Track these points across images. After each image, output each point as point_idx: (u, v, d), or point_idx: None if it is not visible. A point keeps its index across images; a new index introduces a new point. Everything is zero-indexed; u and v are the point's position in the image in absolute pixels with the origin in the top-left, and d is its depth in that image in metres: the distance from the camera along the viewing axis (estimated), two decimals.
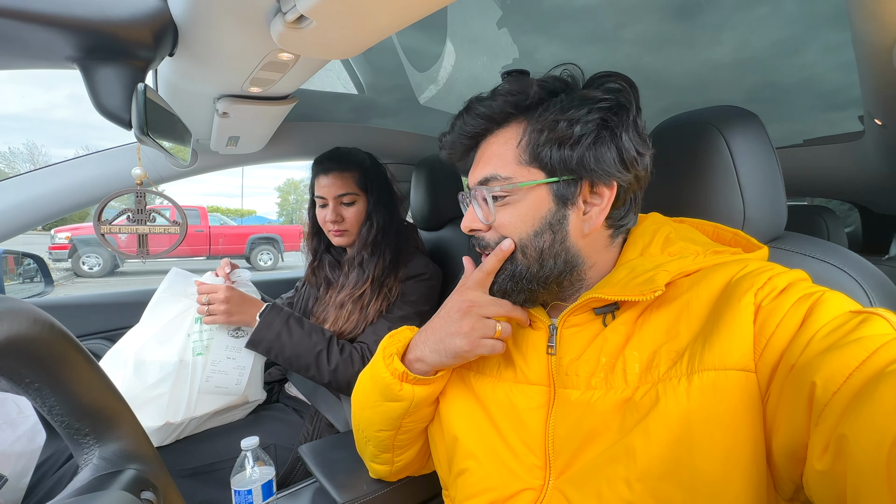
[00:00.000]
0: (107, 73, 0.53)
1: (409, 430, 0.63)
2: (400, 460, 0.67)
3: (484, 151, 0.56)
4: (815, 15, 0.94)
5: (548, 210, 0.52)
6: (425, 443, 0.69)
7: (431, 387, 0.59)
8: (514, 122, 0.54)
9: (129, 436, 0.36)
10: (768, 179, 0.62)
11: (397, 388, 0.58)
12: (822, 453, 0.33)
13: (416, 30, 1.08)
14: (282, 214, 47.03)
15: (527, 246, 0.53)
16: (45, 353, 0.29)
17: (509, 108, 0.54)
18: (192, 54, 0.63)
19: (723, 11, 0.95)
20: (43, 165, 1.11)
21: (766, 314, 0.42)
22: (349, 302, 1.07)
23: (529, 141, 0.52)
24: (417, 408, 0.60)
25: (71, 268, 8.55)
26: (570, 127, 0.49)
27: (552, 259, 0.53)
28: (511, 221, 0.54)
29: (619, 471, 0.44)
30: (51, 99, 72.93)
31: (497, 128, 0.55)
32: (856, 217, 2.18)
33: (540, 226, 0.53)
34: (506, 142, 0.54)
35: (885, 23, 0.59)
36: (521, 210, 0.53)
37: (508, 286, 0.55)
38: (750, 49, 1.08)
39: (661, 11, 0.97)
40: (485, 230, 0.56)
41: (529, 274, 0.54)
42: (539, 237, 0.53)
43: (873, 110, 1.03)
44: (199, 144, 1.18)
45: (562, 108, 0.50)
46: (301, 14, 0.47)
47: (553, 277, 0.54)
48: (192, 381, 0.92)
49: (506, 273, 0.55)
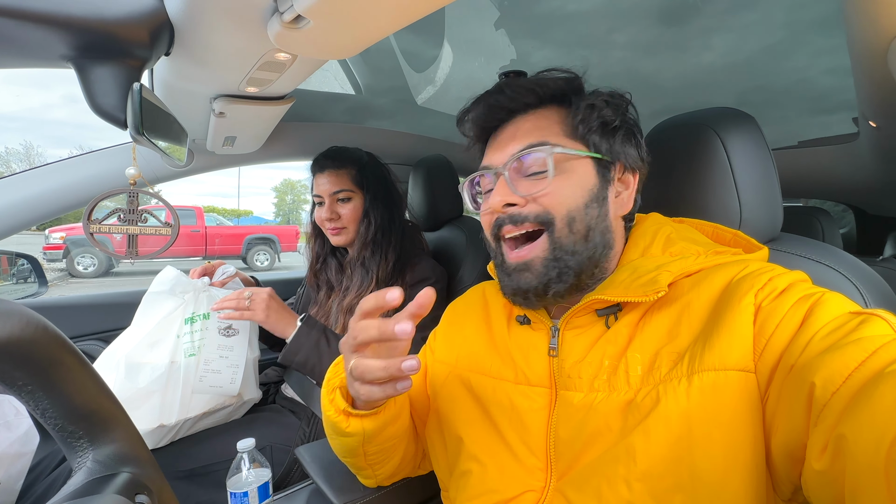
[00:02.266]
0: (102, 73, 0.53)
1: (377, 453, 0.60)
2: (381, 473, 0.65)
3: (518, 127, 0.56)
4: (804, 20, 0.95)
5: (594, 184, 0.54)
6: (414, 448, 0.68)
7: (381, 416, 0.54)
8: (551, 106, 0.57)
9: (123, 438, 0.36)
10: (764, 181, 0.62)
11: (344, 424, 0.54)
12: (821, 453, 0.33)
13: (414, 31, 1.09)
14: (278, 215, 46.91)
15: (575, 219, 0.53)
16: (38, 355, 0.29)
17: (562, 87, 0.56)
18: (189, 54, 0.63)
19: (712, 17, 0.96)
20: (38, 165, 1.10)
21: (765, 315, 0.42)
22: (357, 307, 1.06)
23: (575, 120, 0.54)
24: (372, 439, 0.56)
25: (65, 268, 8.50)
26: (614, 116, 0.55)
27: (598, 234, 0.54)
28: (563, 191, 0.53)
29: (620, 471, 0.44)
30: (46, 99, 72.68)
31: (534, 108, 0.57)
32: (850, 218, 2.19)
33: (589, 198, 0.54)
34: (546, 118, 0.56)
35: (879, 25, 0.60)
36: (573, 180, 0.53)
37: (553, 273, 0.53)
38: (740, 53, 1.09)
39: (650, 17, 0.98)
40: (522, 204, 0.54)
41: (575, 252, 0.53)
42: (588, 209, 0.53)
43: (868, 112, 1.04)
44: (196, 144, 1.17)
45: (603, 99, 0.55)
46: (298, 14, 0.47)
47: (592, 259, 0.54)
48: (185, 383, 0.91)
49: (546, 257, 0.53)
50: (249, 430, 0.99)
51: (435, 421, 0.64)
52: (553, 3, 0.95)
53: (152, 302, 0.97)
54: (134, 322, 0.96)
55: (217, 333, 0.98)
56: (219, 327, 0.98)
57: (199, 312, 0.97)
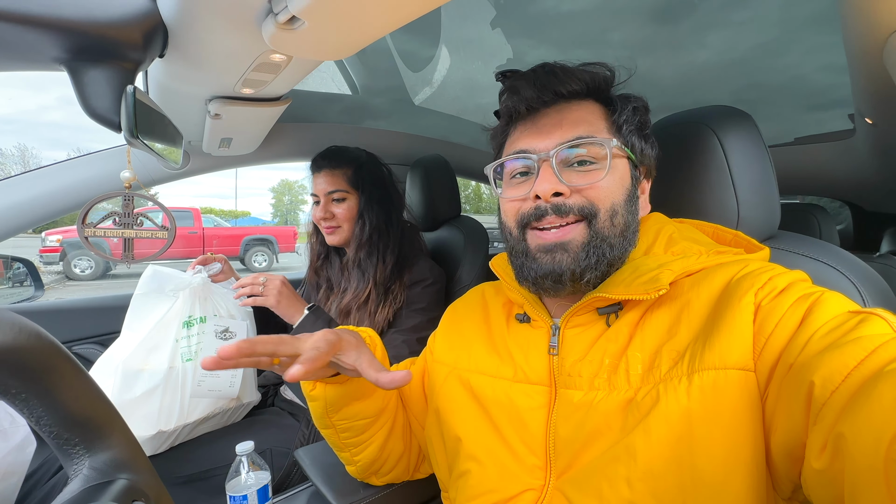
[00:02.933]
0: (95, 75, 0.52)
1: (347, 430, 0.62)
2: (361, 460, 0.65)
3: (563, 115, 0.55)
4: (797, 18, 0.96)
5: (629, 184, 0.55)
6: (403, 447, 0.68)
7: (344, 387, 0.57)
8: (593, 100, 0.56)
9: (119, 444, 0.36)
10: (762, 179, 0.62)
11: (309, 386, 0.58)
12: (820, 452, 0.33)
13: (411, 31, 1.08)
14: (276, 215, 46.84)
15: (617, 213, 0.53)
16: (32, 362, 0.28)
17: (608, 83, 0.56)
18: (183, 56, 0.63)
19: (705, 16, 0.97)
20: (34, 168, 1.10)
21: (765, 314, 0.42)
22: (355, 309, 1.06)
23: (619, 119, 0.55)
24: (335, 407, 0.59)
25: (62, 271, 8.46)
26: (648, 121, 0.57)
27: (631, 232, 0.55)
28: (609, 185, 0.53)
29: (620, 470, 0.44)
30: (42, 101, 72.33)
31: (578, 99, 0.56)
32: (847, 214, 2.20)
33: (627, 196, 0.54)
34: (591, 112, 0.55)
35: (875, 22, 0.60)
36: (617, 176, 0.54)
37: (592, 259, 0.52)
38: (735, 51, 1.10)
39: (643, 16, 0.99)
40: (567, 195, 0.52)
41: (612, 245, 0.53)
42: (628, 205, 0.54)
43: (864, 109, 1.04)
44: (192, 146, 1.17)
45: (642, 103, 0.57)
46: (293, 15, 0.47)
47: (623, 256, 0.54)
48: (184, 388, 0.90)
49: (586, 242, 0.52)
50: (248, 433, 0.99)
51: (434, 422, 0.64)
52: (547, 3, 0.96)
53: (142, 304, 0.96)
54: (126, 325, 0.95)
55: (214, 337, 0.97)
56: (216, 331, 0.97)
57: (196, 316, 0.96)
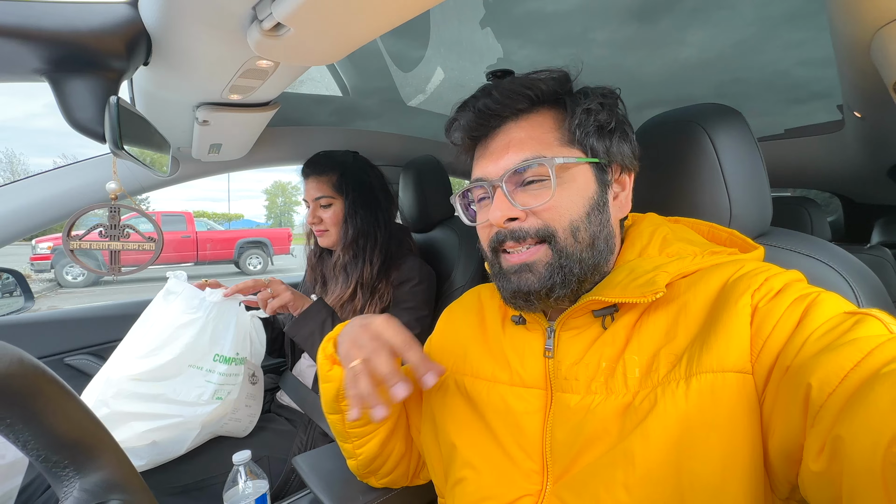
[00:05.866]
0: (77, 86, 0.52)
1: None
2: (361, 453, 0.65)
3: (510, 136, 0.53)
4: (772, 16, 0.99)
5: (594, 191, 0.53)
6: (403, 449, 0.67)
7: None
8: (544, 109, 0.54)
9: (110, 465, 0.35)
10: (753, 176, 0.63)
11: (327, 367, 0.60)
12: (818, 454, 0.33)
13: (400, 32, 1.08)
14: (270, 217, 46.56)
15: (579, 228, 0.52)
16: (15, 388, 0.28)
17: (556, 89, 0.54)
18: (168, 63, 0.62)
19: (683, 15, 0.99)
20: (22, 177, 1.08)
21: (762, 316, 0.42)
22: (339, 307, 1.07)
23: (572, 124, 0.53)
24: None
25: (54, 278, 8.37)
26: (609, 117, 0.54)
27: (602, 241, 0.53)
28: (563, 203, 0.51)
29: (618, 475, 0.43)
30: (30, 108, 71.25)
31: (526, 113, 0.54)
32: (837, 205, 2.22)
33: (590, 205, 0.53)
34: (539, 126, 0.53)
35: (862, 18, 0.60)
36: (573, 190, 0.52)
37: (557, 278, 0.51)
38: (715, 48, 1.12)
39: (622, 16, 1.01)
40: (523, 218, 0.52)
41: (581, 261, 0.52)
42: (591, 217, 0.52)
43: (852, 103, 1.05)
44: (181, 152, 1.15)
45: (597, 101, 0.54)
46: (278, 22, 0.46)
47: (597, 265, 0.53)
48: (205, 425, 0.89)
49: (551, 263, 0.52)
50: (245, 441, 0.98)
51: (430, 428, 0.63)
52: (532, 5, 0.97)
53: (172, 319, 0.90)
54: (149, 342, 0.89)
55: (247, 380, 0.98)
56: (248, 374, 0.98)
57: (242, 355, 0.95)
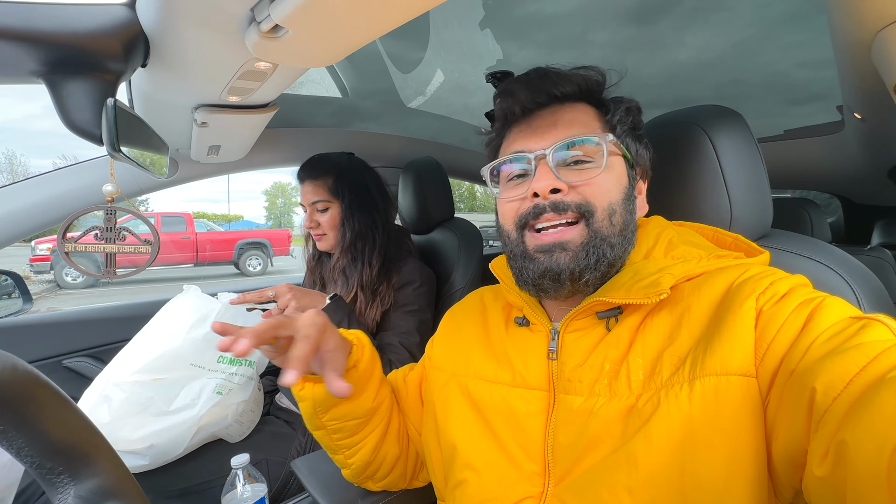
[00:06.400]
0: (75, 88, 0.51)
1: (338, 430, 0.61)
2: (353, 462, 0.64)
3: (557, 116, 0.55)
4: (770, 18, 0.99)
5: (626, 183, 0.55)
6: (398, 452, 0.67)
7: None
8: (586, 103, 0.57)
9: (106, 471, 0.35)
10: (753, 178, 0.62)
11: (298, 386, 0.57)
12: (822, 459, 0.33)
13: (400, 33, 1.08)
14: (270, 218, 46.57)
15: (615, 212, 0.52)
16: (9, 395, 0.27)
17: (600, 87, 0.57)
18: (166, 65, 0.61)
19: (681, 17, 1.00)
20: (21, 178, 1.08)
21: (766, 319, 0.42)
22: None
23: (613, 119, 0.56)
24: (324, 407, 0.58)
25: (54, 279, 8.36)
26: (639, 123, 0.58)
27: (630, 232, 0.54)
28: (605, 184, 0.52)
29: (621, 478, 0.43)
30: (29, 110, 71.31)
31: (571, 101, 0.57)
32: (837, 206, 2.22)
33: (625, 195, 0.54)
34: (584, 114, 0.56)
35: (863, 19, 0.60)
36: (613, 174, 0.54)
37: (591, 259, 0.51)
38: (713, 50, 1.13)
39: (621, 18, 1.01)
40: (565, 192, 0.52)
41: (612, 245, 0.52)
42: (625, 204, 0.54)
43: (852, 104, 1.05)
44: (180, 154, 1.15)
45: (630, 105, 0.57)
46: (276, 23, 0.46)
47: (623, 256, 0.54)
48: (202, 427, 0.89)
49: (586, 242, 0.51)
50: (243, 443, 0.98)
51: (431, 429, 0.63)
52: (530, 7, 0.98)
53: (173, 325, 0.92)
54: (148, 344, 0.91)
55: (256, 387, 0.98)
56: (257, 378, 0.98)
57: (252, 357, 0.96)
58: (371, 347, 0.63)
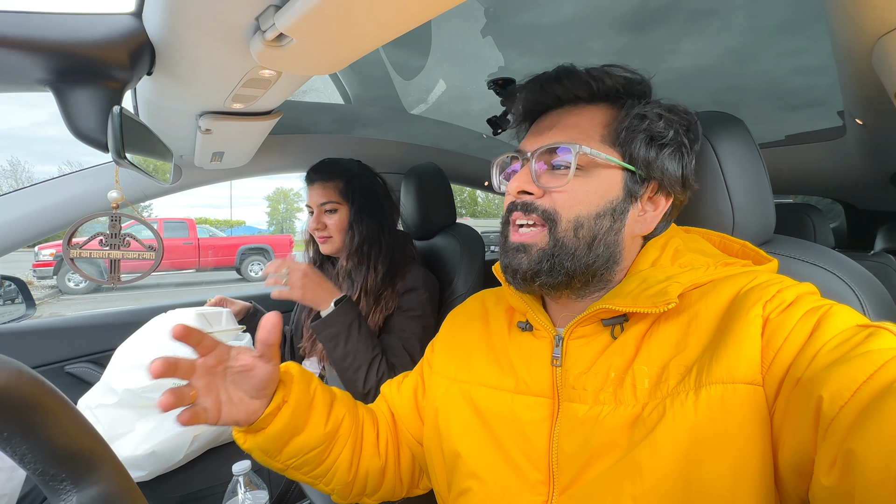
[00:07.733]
0: (81, 96, 0.52)
1: (302, 465, 0.59)
2: (333, 487, 0.63)
3: (561, 119, 0.55)
4: (765, 26, 1.00)
5: (615, 196, 0.52)
6: (382, 464, 0.65)
7: (267, 432, 0.54)
8: (602, 104, 0.55)
9: (108, 478, 0.34)
10: (755, 183, 0.62)
11: (241, 440, 0.54)
12: (830, 468, 0.32)
13: (402, 41, 1.09)
14: (272, 224, 46.70)
15: (583, 225, 0.51)
16: (13, 401, 0.27)
17: (619, 87, 0.54)
18: (171, 73, 0.62)
19: (676, 25, 1.01)
20: (27, 185, 1.08)
21: (773, 327, 0.41)
22: None
23: (621, 124, 0.52)
24: (275, 450, 0.56)
25: (56, 285, 8.38)
26: (666, 129, 0.52)
27: (603, 247, 0.52)
28: (577, 195, 0.51)
29: (626, 487, 0.42)
30: (35, 118, 72.00)
31: (584, 103, 0.55)
32: (840, 211, 2.21)
33: (604, 208, 0.52)
34: (590, 118, 0.54)
35: (864, 26, 0.60)
36: (592, 186, 0.52)
37: (545, 265, 0.51)
38: (710, 57, 1.14)
39: (617, 26, 1.02)
40: (538, 195, 0.53)
41: (574, 256, 0.51)
42: (600, 220, 0.52)
43: (853, 110, 1.05)
44: (184, 160, 1.16)
45: (659, 111, 0.53)
46: (280, 32, 0.46)
47: (591, 268, 0.52)
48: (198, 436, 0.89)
49: (545, 249, 0.52)
50: (244, 450, 0.97)
51: (434, 436, 0.62)
52: (528, 17, 0.99)
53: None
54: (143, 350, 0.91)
55: None
56: None
57: None
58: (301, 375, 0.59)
